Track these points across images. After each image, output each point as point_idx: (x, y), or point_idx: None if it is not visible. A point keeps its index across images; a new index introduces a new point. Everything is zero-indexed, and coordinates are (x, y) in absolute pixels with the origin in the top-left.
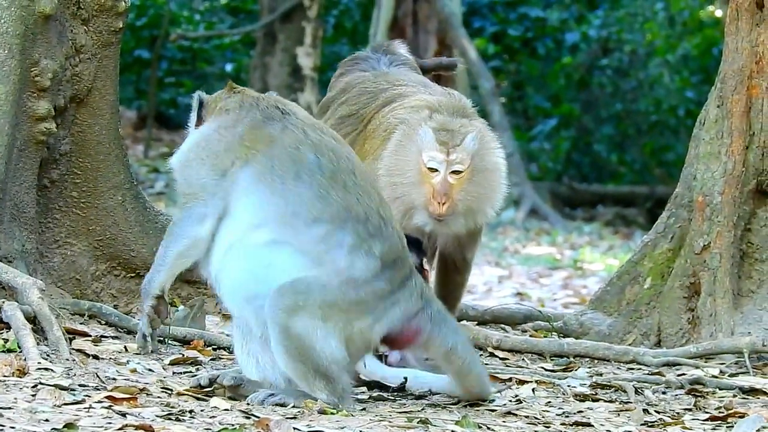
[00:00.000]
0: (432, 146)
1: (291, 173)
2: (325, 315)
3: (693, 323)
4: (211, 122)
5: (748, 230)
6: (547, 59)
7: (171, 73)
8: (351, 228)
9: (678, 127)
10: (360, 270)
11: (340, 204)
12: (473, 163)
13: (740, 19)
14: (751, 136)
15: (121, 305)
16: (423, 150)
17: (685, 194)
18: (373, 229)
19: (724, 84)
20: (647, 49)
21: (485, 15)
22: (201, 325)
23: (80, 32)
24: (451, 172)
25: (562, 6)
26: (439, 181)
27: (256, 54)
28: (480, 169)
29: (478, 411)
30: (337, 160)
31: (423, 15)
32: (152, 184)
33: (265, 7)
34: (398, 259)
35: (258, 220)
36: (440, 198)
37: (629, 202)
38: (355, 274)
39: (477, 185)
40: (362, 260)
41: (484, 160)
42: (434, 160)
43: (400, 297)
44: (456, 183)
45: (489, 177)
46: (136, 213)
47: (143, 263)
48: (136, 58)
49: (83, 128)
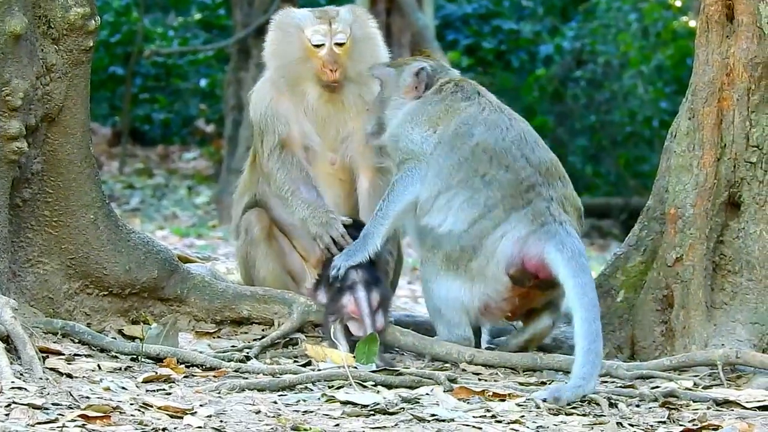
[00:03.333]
0: (312, 22)
1: (470, 145)
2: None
3: (666, 336)
4: (430, 97)
5: (721, 242)
6: (520, 71)
7: (145, 90)
8: (512, 155)
9: (652, 138)
10: (497, 184)
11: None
12: (352, 34)
13: (710, 31)
14: (723, 148)
15: (94, 323)
16: (304, 28)
17: (657, 207)
18: (525, 163)
19: (695, 96)
20: (621, 60)
21: (459, 28)
22: (174, 342)
23: (51, 51)
24: (335, 44)
25: (536, 18)
26: (326, 52)
27: (229, 69)
28: (360, 39)
29: (450, 425)
30: (512, 131)
31: (396, 28)
32: (127, 200)
33: (238, 23)
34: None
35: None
36: (331, 65)
37: (604, 214)
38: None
39: (361, 53)
40: (500, 173)
41: (362, 30)
42: (318, 34)
43: (525, 213)
44: (341, 52)
45: (370, 45)
46: (108, 231)
47: (116, 281)
48: (110, 74)
49: (54, 147)
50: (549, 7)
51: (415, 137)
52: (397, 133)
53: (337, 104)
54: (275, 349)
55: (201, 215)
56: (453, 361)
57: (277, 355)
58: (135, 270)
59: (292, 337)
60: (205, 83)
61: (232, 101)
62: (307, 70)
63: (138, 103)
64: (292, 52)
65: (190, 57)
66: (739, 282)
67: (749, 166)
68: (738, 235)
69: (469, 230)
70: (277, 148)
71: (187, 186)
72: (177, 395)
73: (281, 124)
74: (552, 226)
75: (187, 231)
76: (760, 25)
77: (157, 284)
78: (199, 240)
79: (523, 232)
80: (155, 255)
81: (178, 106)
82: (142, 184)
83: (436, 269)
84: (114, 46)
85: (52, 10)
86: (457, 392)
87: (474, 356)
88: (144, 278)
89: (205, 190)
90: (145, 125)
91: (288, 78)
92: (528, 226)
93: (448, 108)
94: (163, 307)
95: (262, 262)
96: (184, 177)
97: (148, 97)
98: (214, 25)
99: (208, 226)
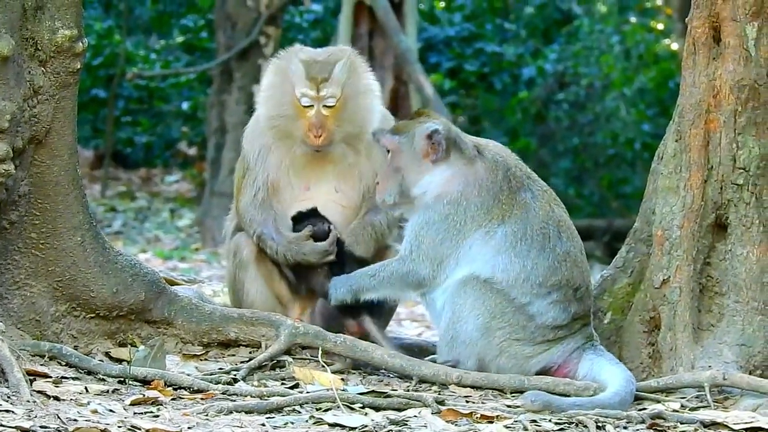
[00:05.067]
0: (303, 82)
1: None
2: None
3: (653, 358)
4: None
5: (708, 264)
6: (503, 94)
7: (127, 112)
8: (564, 291)
9: (635, 159)
10: (549, 318)
11: (564, 275)
12: (345, 92)
13: (697, 53)
14: (710, 170)
15: (81, 346)
16: (295, 85)
17: (644, 228)
18: (579, 294)
19: (682, 118)
20: (603, 82)
21: (441, 50)
22: (161, 365)
23: (38, 73)
24: (323, 106)
25: (518, 41)
26: (314, 114)
27: (212, 92)
28: (352, 96)
29: None
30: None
31: (379, 51)
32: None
33: (221, 45)
34: (585, 315)
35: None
36: (315, 131)
37: (587, 236)
38: (542, 319)
39: (351, 111)
40: (557, 313)
41: (355, 86)
42: (306, 97)
43: (568, 341)
44: (330, 114)
45: (362, 101)
46: (96, 253)
47: (103, 303)
48: (92, 97)
49: (42, 169)
50: (532, 30)
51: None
52: (441, 193)
53: (325, 164)
54: (263, 371)
55: (184, 238)
56: (441, 382)
57: (265, 378)
58: (122, 292)
59: (280, 359)
60: (188, 106)
61: (214, 124)
62: (295, 128)
63: (120, 126)
64: (283, 106)
65: (172, 80)
66: (726, 304)
67: (736, 188)
68: (725, 257)
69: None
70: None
71: (170, 209)
72: (165, 418)
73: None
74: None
75: (170, 254)
76: (746, 47)
77: (144, 306)
78: (182, 263)
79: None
80: (142, 277)
81: (160, 128)
82: (125, 207)
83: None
84: (96, 68)
85: (40, 32)
86: (445, 414)
87: (462, 378)
88: (131, 300)
89: (188, 213)
90: (128, 148)
91: (277, 130)
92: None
93: (511, 201)
94: (150, 330)
95: (251, 285)
96: (166, 200)
97: (131, 119)
98: (197, 48)
99: (191, 249)
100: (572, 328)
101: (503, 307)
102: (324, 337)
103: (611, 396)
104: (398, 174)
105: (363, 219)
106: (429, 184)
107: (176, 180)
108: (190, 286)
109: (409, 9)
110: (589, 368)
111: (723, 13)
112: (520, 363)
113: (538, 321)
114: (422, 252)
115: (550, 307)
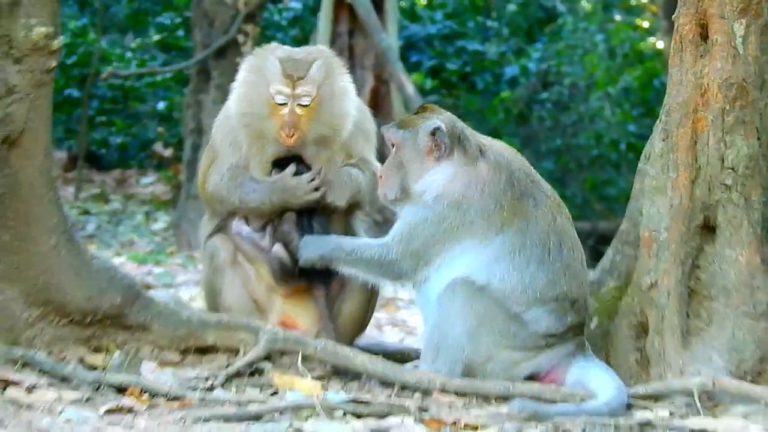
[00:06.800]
0: (278, 79)
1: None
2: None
3: (641, 363)
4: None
5: (697, 267)
6: (485, 93)
7: (102, 113)
8: (561, 302)
9: (619, 161)
10: (543, 327)
11: (563, 289)
12: (320, 93)
13: (684, 51)
14: (698, 170)
15: (55, 352)
16: (270, 83)
17: (631, 230)
18: (577, 306)
19: (669, 117)
20: (588, 81)
21: (422, 49)
22: (137, 371)
23: (12, 72)
24: (297, 105)
25: (501, 39)
26: (287, 113)
27: (189, 91)
28: (327, 97)
29: None
30: (568, 242)
31: (359, 50)
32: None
33: (198, 44)
34: (580, 325)
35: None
36: (288, 130)
37: None
38: (536, 327)
39: (325, 113)
40: (552, 321)
41: (331, 88)
42: (281, 95)
43: (558, 347)
44: (304, 114)
45: (337, 103)
46: (70, 257)
47: (77, 309)
48: (66, 97)
49: (16, 170)
50: (514, 28)
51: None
52: (442, 193)
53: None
54: (241, 378)
55: (159, 242)
56: (424, 389)
57: (243, 385)
58: (97, 297)
59: (259, 365)
60: (164, 106)
61: (191, 124)
62: (268, 127)
63: (94, 127)
64: (256, 103)
65: (148, 79)
66: (716, 308)
67: (724, 188)
68: (714, 260)
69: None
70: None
71: (145, 211)
72: (140, 426)
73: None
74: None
75: (145, 258)
76: (734, 44)
77: (120, 311)
78: (157, 267)
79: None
80: (118, 281)
81: (135, 129)
82: (98, 209)
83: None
84: (70, 67)
85: (14, 30)
86: (428, 422)
87: (445, 384)
88: (106, 305)
89: (163, 216)
90: (102, 149)
91: (249, 128)
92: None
93: (512, 208)
94: (125, 335)
95: (228, 289)
96: (141, 202)
97: (105, 120)
98: (173, 47)
99: (166, 253)
100: (564, 336)
101: (494, 313)
102: (304, 343)
103: (601, 405)
104: (401, 169)
105: (341, 169)
106: (431, 182)
107: (151, 182)
108: (167, 290)
109: (390, 7)
110: (579, 375)
111: (710, 10)
112: (509, 369)
113: (531, 328)
114: (411, 248)
115: (546, 315)
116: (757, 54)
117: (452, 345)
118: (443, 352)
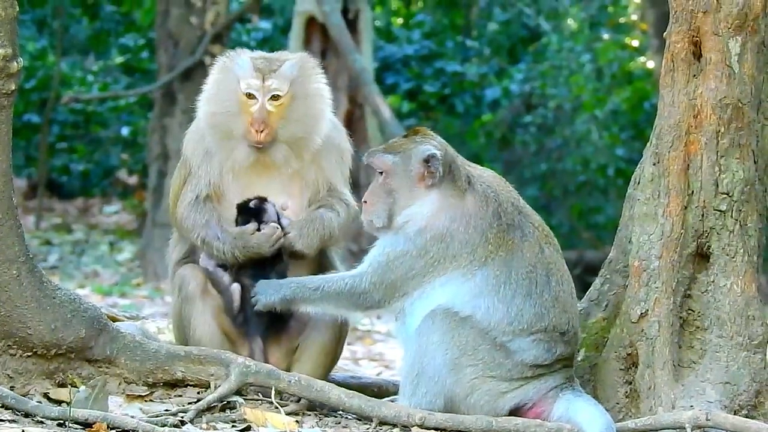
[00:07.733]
0: (249, 73)
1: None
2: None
3: (631, 397)
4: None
5: (689, 296)
6: (465, 116)
7: (63, 138)
8: (549, 333)
9: (608, 187)
10: (531, 357)
11: (551, 321)
12: (292, 90)
13: (676, 70)
14: (690, 196)
15: (18, 386)
16: (240, 78)
17: (620, 259)
18: (566, 338)
19: (660, 140)
20: (574, 103)
21: (399, 70)
22: (103, 406)
23: None
24: (269, 99)
25: (482, 60)
26: (257, 108)
27: (154, 116)
28: (301, 96)
29: None
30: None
31: (332, 71)
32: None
33: (163, 66)
34: (570, 357)
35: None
36: (258, 126)
37: None
38: (523, 356)
39: (298, 112)
40: (540, 351)
41: (305, 87)
42: (251, 87)
43: (546, 378)
44: (275, 110)
45: (310, 104)
46: (33, 288)
47: (41, 341)
48: (25, 122)
49: None
50: (496, 48)
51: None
52: (425, 226)
53: (267, 167)
54: (212, 412)
55: (124, 272)
56: (402, 424)
57: (214, 420)
58: (61, 329)
59: (230, 400)
60: (128, 131)
61: (156, 150)
62: (237, 125)
63: (55, 153)
64: (226, 101)
65: (110, 103)
66: (709, 339)
67: (719, 214)
68: (707, 289)
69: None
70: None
71: (109, 241)
72: None
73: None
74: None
75: (110, 289)
76: (729, 63)
77: (85, 344)
78: (122, 299)
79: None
80: (82, 313)
81: (98, 155)
82: (61, 239)
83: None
84: (29, 92)
85: None
86: None
87: (425, 419)
88: (71, 338)
89: (129, 246)
90: (63, 177)
91: (217, 129)
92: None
93: (498, 241)
94: (91, 369)
95: (198, 320)
96: (105, 232)
97: (66, 146)
98: (137, 69)
99: (132, 284)
100: (552, 367)
101: (477, 342)
102: (277, 377)
103: None
104: (390, 196)
105: (312, 212)
106: (414, 214)
107: (116, 210)
108: (133, 322)
109: (365, 26)
110: (566, 409)
111: (704, 27)
112: (493, 399)
113: (517, 358)
114: (387, 279)
115: (533, 345)
116: (753, 73)
117: (432, 377)
118: (423, 385)
